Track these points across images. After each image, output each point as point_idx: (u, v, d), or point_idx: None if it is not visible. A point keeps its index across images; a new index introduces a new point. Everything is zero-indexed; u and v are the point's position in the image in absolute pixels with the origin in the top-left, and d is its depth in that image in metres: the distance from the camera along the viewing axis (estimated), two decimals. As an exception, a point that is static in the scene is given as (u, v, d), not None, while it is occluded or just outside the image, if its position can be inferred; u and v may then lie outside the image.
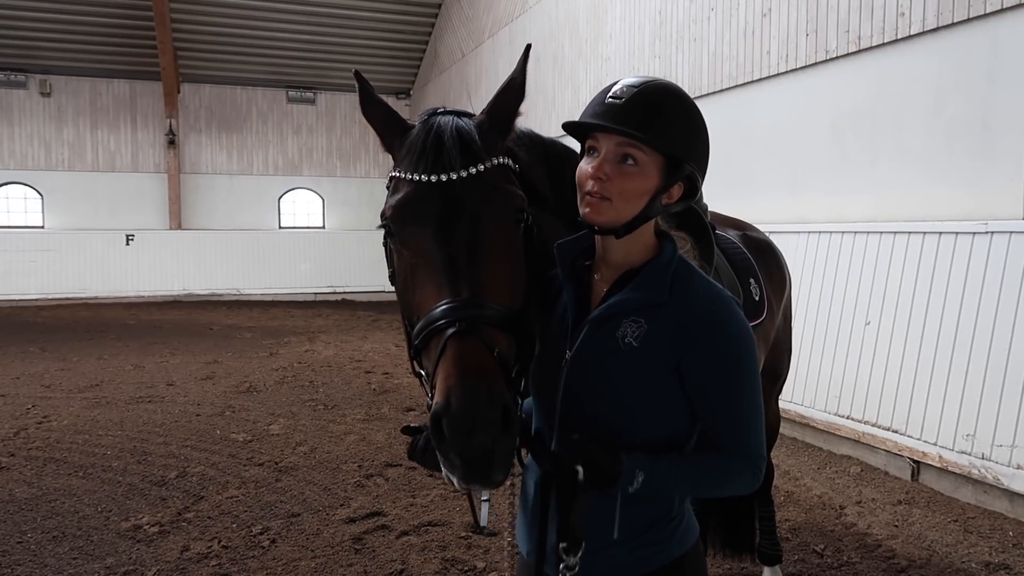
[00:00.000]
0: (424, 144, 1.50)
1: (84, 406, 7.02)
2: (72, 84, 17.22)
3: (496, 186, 1.49)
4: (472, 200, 1.45)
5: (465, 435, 1.27)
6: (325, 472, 5.18)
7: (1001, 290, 4.51)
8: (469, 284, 1.40)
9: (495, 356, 1.34)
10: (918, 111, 5.45)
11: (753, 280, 2.84)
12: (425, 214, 1.46)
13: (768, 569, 3.43)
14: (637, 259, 1.48)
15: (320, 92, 19.10)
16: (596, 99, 1.48)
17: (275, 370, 8.84)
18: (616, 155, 1.40)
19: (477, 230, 1.44)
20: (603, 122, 1.41)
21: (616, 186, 1.39)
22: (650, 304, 1.41)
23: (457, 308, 1.37)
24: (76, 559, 3.83)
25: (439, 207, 1.45)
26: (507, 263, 1.47)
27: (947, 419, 4.71)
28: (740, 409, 1.41)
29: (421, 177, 1.47)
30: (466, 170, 1.46)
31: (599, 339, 1.43)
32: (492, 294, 1.41)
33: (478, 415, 1.26)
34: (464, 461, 1.30)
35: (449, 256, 1.43)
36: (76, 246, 16.63)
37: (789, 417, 5.85)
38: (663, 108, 1.43)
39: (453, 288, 1.39)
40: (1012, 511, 4.34)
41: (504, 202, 1.49)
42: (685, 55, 8.14)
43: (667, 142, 1.41)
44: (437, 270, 1.43)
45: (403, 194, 1.49)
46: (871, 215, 5.82)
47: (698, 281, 1.46)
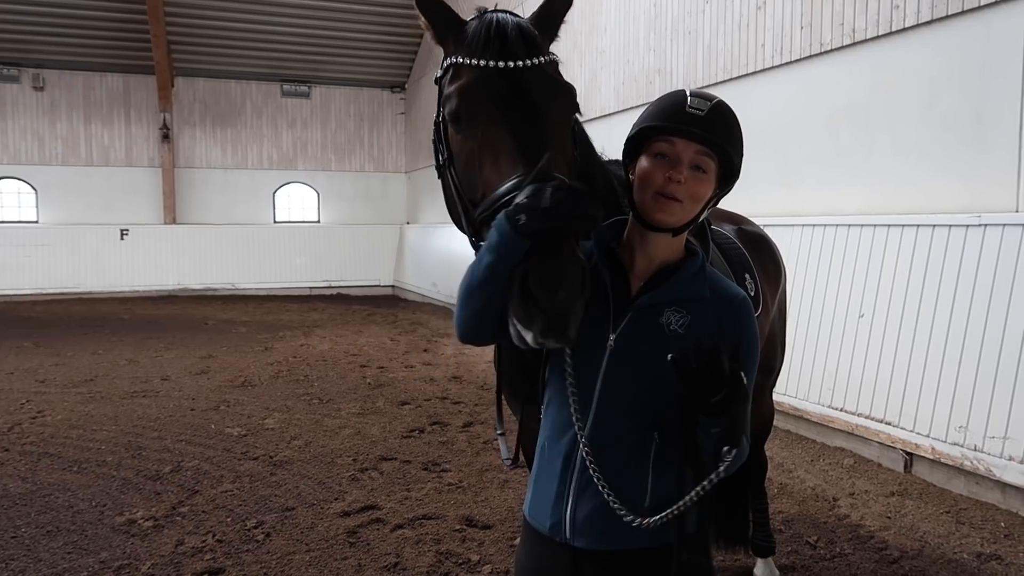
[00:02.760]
0: (488, 34, 1.60)
1: (78, 401, 7.01)
2: (65, 78, 17.14)
3: (558, 81, 1.62)
4: (537, 88, 1.57)
5: (551, 290, 1.33)
6: (320, 466, 5.18)
7: (994, 283, 4.52)
8: (547, 158, 1.45)
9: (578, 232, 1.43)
10: (912, 104, 5.45)
11: (748, 275, 2.85)
12: (494, 95, 1.55)
13: (761, 561, 3.45)
14: (674, 256, 1.60)
15: (315, 86, 19.04)
16: (669, 108, 1.56)
17: (270, 364, 8.83)
18: (692, 162, 1.53)
19: (543, 116, 1.56)
20: (695, 130, 1.51)
21: (689, 190, 1.52)
22: (692, 298, 1.55)
23: (547, 169, 1.43)
24: (70, 553, 3.83)
25: (507, 90, 1.55)
26: (564, 152, 1.60)
27: (940, 411, 4.73)
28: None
29: (488, 63, 1.56)
30: (531, 59, 1.58)
31: (644, 325, 1.54)
32: (560, 168, 1.51)
33: (565, 271, 1.34)
34: (560, 317, 1.35)
35: (518, 136, 1.51)
36: (70, 241, 16.59)
37: (783, 410, 5.87)
38: (734, 127, 1.59)
39: (525, 164, 1.47)
40: (1004, 502, 4.36)
41: (565, 95, 1.62)
42: (680, 48, 8.13)
43: (737, 155, 1.59)
44: (508, 148, 1.51)
45: (469, 77, 1.58)
46: (865, 208, 5.82)
47: (726, 282, 1.64)
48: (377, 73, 19.09)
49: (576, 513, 1.55)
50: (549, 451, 1.63)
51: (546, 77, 1.60)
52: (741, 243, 3.00)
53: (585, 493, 1.54)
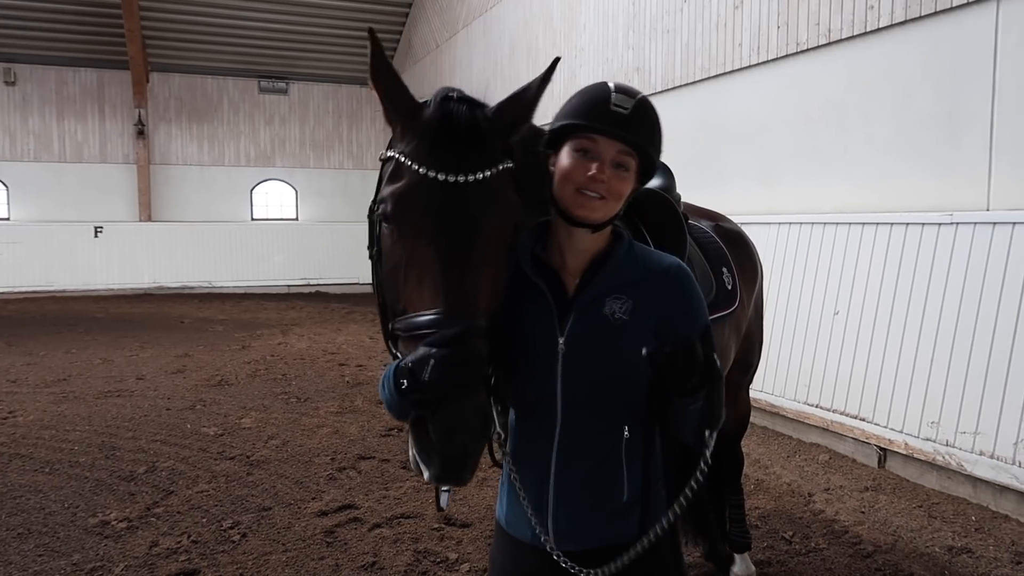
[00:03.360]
0: (437, 136, 1.49)
1: (51, 401, 6.91)
2: (37, 73, 16.86)
3: (501, 193, 1.52)
4: (478, 206, 1.47)
5: (447, 436, 1.34)
6: (297, 465, 5.14)
7: (965, 280, 4.58)
8: (465, 291, 1.43)
9: (480, 365, 1.39)
10: (887, 103, 5.51)
11: (726, 269, 2.87)
12: (429, 211, 1.45)
13: (738, 556, 3.47)
14: (603, 245, 1.60)
15: (292, 82, 18.89)
16: (592, 104, 1.53)
17: (247, 363, 8.75)
18: (614, 160, 1.52)
19: (477, 238, 1.47)
20: (618, 130, 1.50)
21: (612, 188, 1.51)
22: (629, 281, 1.55)
23: (452, 317, 1.40)
24: (42, 556, 3.77)
25: (444, 207, 1.45)
26: (498, 271, 1.51)
27: (913, 407, 4.79)
28: None
29: (430, 173, 1.46)
30: (476, 174, 1.48)
31: (590, 320, 1.54)
32: (481, 303, 1.45)
33: (461, 420, 1.34)
34: (448, 462, 1.37)
35: (447, 261, 1.44)
36: (43, 238, 16.32)
37: (759, 406, 5.91)
38: (656, 125, 1.57)
39: (446, 298, 1.42)
40: (975, 496, 4.43)
41: (507, 212, 1.53)
42: (658, 46, 8.16)
43: (658, 156, 1.58)
44: (432, 272, 1.44)
45: (408, 184, 1.48)
46: (841, 206, 5.88)
47: (657, 255, 1.64)
48: (356, 69, 18.96)
49: (558, 519, 1.56)
50: (522, 460, 1.62)
51: (491, 192, 1.49)
52: (719, 239, 3.02)
53: (563, 498, 1.55)
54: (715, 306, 2.66)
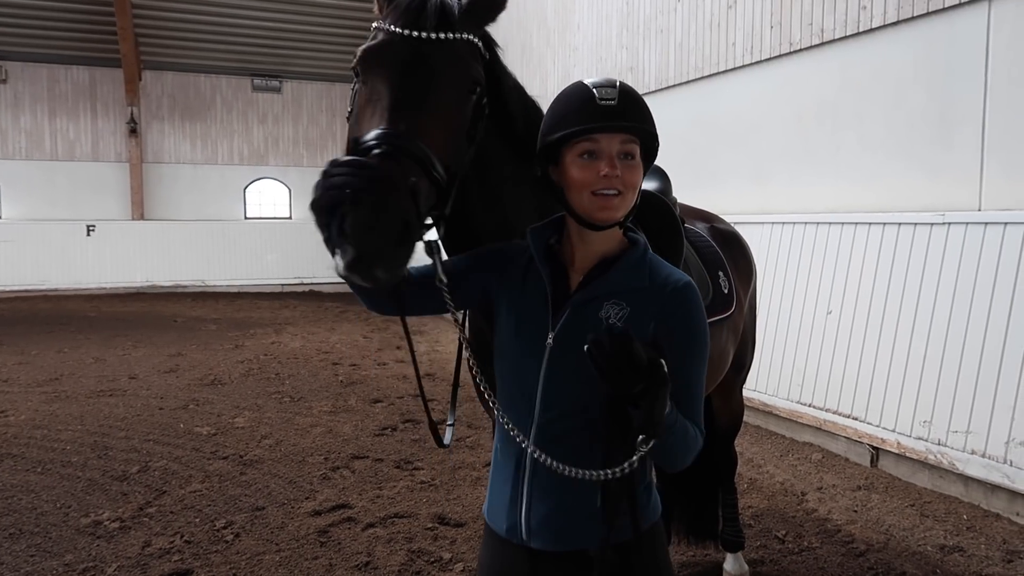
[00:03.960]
0: (409, 3, 1.62)
1: (43, 400, 6.88)
2: (29, 70, 16.78)
3: (460, 56, 1.61)
4: (435, 59, 1.58)
5: (358, 232, 1.32)
6: (291, 465, 5.14)
7: (957, 280, 4.60)
8: (407, 121, 1.50)
9: (409, 183, 1.40)
10: (879, 103, 5.53)
11: (722, 273, 2.88)
12: (390, 60, 1.58)
13: (731, 555, 3.48)
14: (614, 247, 1.58)
15: (286, 80, 18.84)
16: (578, 106, 1.52)
17: (240, 362, 8.73)
18: (620, 152, 1.51)
19: (430, 83, 1.56)
20: (615, 123, 1.50)
21: (627, 180, 1.50)
22: (631, 288, 1.52)
23: (387, 135, 1.46)
24: (34, 556, 3.76)
25: (404, 56, 1.57)
26: (449, 121, 1.57)
27: (905, 406, 4.81)
28: (696, 386, 1.53)
29: (395, 28, 1.59)
30: (437, 33, 1.59)
31: (583, 320, 1.51)
32: (426, 138, 1.50)
33: (375, 218, 1.33)
34: (354, 250, 1.34)
35: (398, 97, 1.54)
36: (35, 237, 16.24)
37: (752, 405, 5.93)
38: (640, 103, 1.56)
39: (391, 120, 1.50)
40: (966, 495, 4.45)
41: (462, 71, 1.61)
42: (652, 46, 8.17)
43: (654, 132, 1.57)
44: (384, 106, 1.54)
45: (376, 40, 1.62)
46: (834, 205, 5.90)
47: (668, 268, 1.58)
48: (349, 68, 18.89)
49: (531, 516, 1.55)
50: (502, 454, 1.63)
51: (449, 52, 1.60)
52: (714, 241, 3.03)
53: (538, 495, 1.54)
54: (712, 310, 2.66)
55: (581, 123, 1.49)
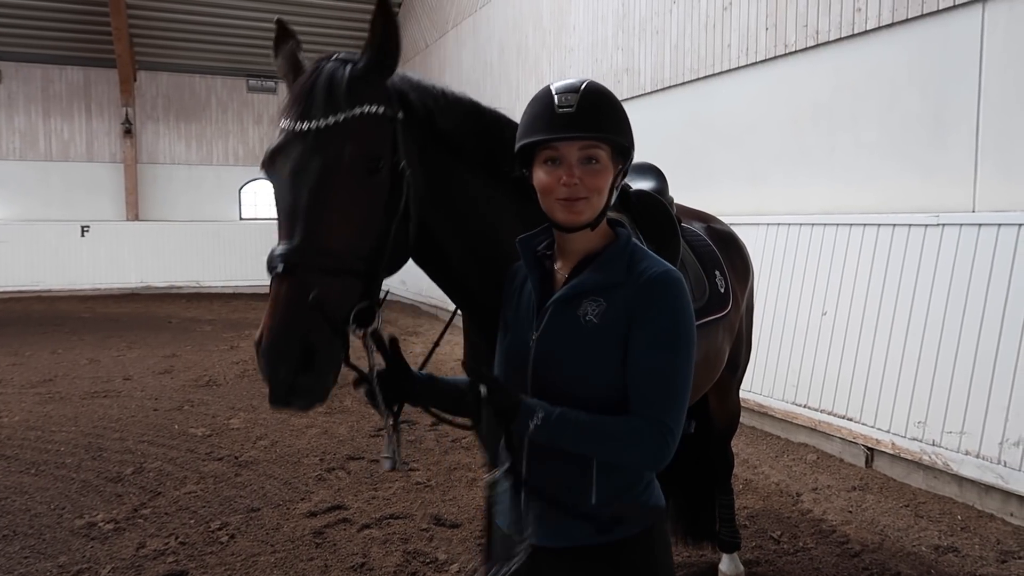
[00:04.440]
0: (296, 92, 1.60)
1: (37, 401, 6.85)
2: (23, 71, 16.74)
3: (353, 136, 1.55)
4: (325, 149, 1.54)
5: (266, 372, 1.47)
6: (286, 466, 5.13)
7: (951, 281, 4.62)
8: (302, 229, 1.50)
9: (310, 298, 1.45)
10: (874, 105, 5.55)
11: (719, 272, 2.88)
12: (282, 162, 1.56)
13: (727, 556, 3.48)
14: (596, 245, 1.58)
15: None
16: (540, 113, 1.53)
17: (236, 363, 8.71)
18: (581, 158, 1.50)
19: (321, 178, 1.53)
20: (570, 133, 1.49)
21: (589, 185, 1.49)
22: (608, 284, 1.52)
23: (285, 253, 1.48)
24: (27, 558, 3.74)
25: (295, 155, 1.54)
26: (351, 210, 1.54)
27: (899, 407, 4.82)
28: (664, 377, 1.47)
29: (288, 124, 1.57)
30: (324, 119, 1.54)
31: (563, 318, 1.54)
32: (328, 240, 1.51)
33: (275, 356, 1.45)
34: (270, 387, 1.48)
35: (292, 203, 1.53)
36: (29, 237, 16.21)
37: (748, 406, 5.94)
38: (603, 106, 1.53)
39: (288, 232, 1.52)
40: (961, 495, 4.46)
41: (356, 151, 1.55)
42: (647, 47, 8.18)
43: (619, 135, 1.53)
44: (284, 215, 1.55)
45: (274, 143, 1.59)
46: (828, 207, 5.91)
47: (650, 260, 1.56)
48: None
49: (529, 512, 1.57)
50: (503, 452, 1.65)
51: (340, 135, 1.54)
52: (711, 240, 3.03)
53: (535, 492, 1.56)
54: (708, 309, 2.67)
55: (539, 131, 1.51)
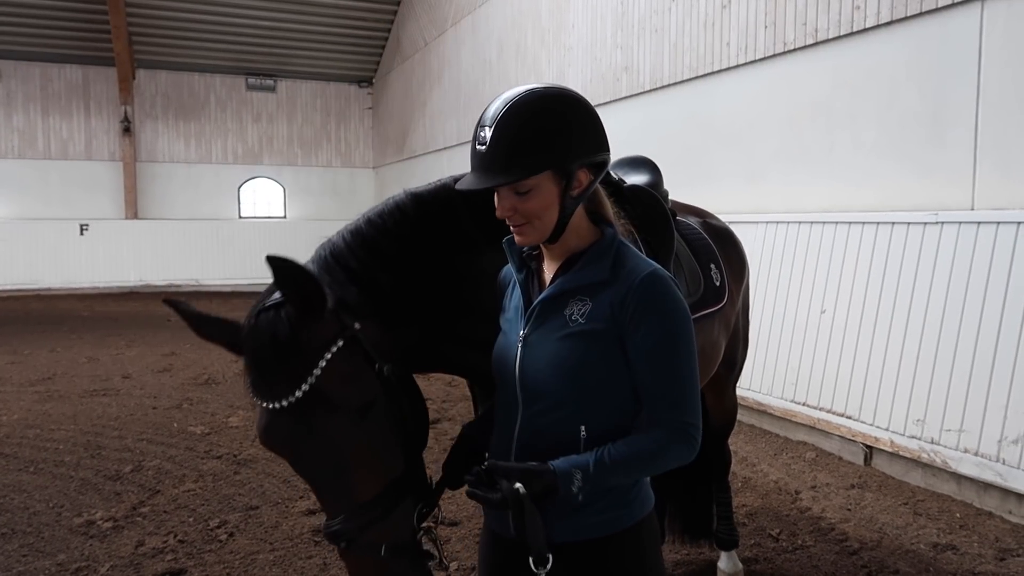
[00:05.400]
0: (251, 365, 1.56)
1: (35, 400, 6.85)
2: (22, 69, 16.72)
3: (331, 395, 1.51)
4: (311, 419, 1.51)
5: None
6: (284, 464, 5.10)
7: (950, 279, 4.62)
8: (338, 502, 1.57)
9: (381, 556, 1.55)
10: (872, 103, 5.55)
11: (714, 266, 2.88)
12: (278, 440, 1.56)
13: (725, 554, 3.48)
14: (581, 244, 1.59)
15: (280, 79, 18.82)
16: (471, 145, 1.53)
17: (235, 362, 8.63)
18: (510, 191, 1.50)
19: (326, 447, 1.54)
20: (479, 182, 1.49)
21: (523, 211, 1.50)
22: (593, 283, 1.52)
23: (337, 532, 1.55)
24: (26, 556, 3.74)
25: (286, 431, 1.54)
26: (368, 455, 1.58)
27: (898, 405, 4.82)
28: (673, 380, 1.48)
29: (260, 403, 1.55)
30: (294, 394, 1.50)
31: (549, 318, 1.55)
32: (363, 493, 1.57)
33: None
34: None
35: (312, 479, 1.59)
36: (27, 236, 16.19)
37: (747, 404, 5.94)
38: (521, 136, 1.47)
39: (328, 508, 1.59)
40: (959, 493, 4.47)
41: (345, 409, 1.53)
42: (646, 46, 8.17)
43: (538, 166, 1.47)
44: (309, 484, 1.61)
45: (259, 420, 1.59)
46: (827, 205, 5.91)
47: (636, 259, 1.55)
48: (344, 67, 18.91)
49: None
50: (494, 450, 1.66)
51: (318, 400, 1.50)
52: (707, 235, 3.03)
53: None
54: (703, 303, 2.67)
55: (470, 170, 1.54)
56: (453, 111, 14.18)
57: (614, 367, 1.50)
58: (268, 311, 1.58)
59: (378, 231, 1.78)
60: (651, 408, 1.49)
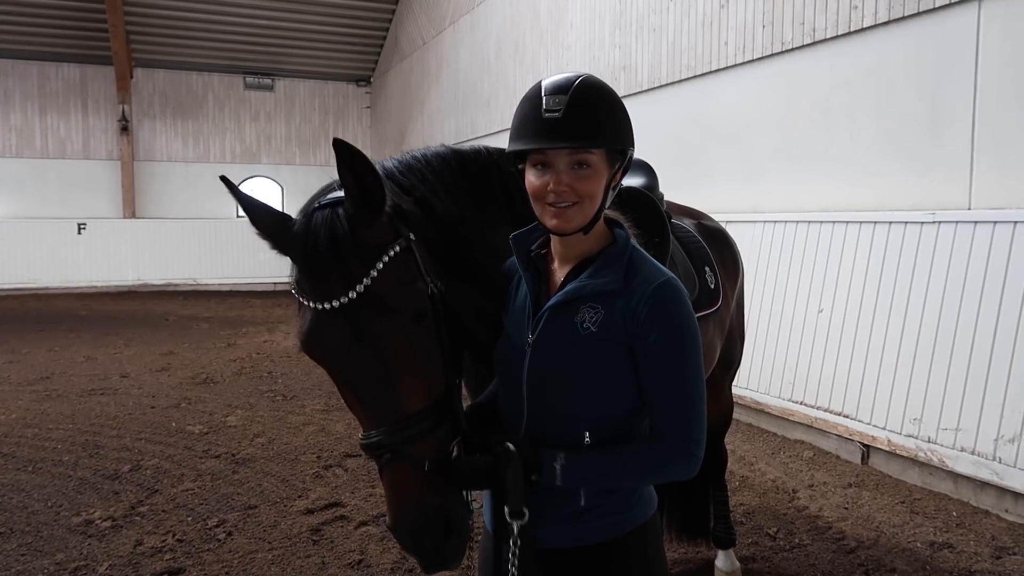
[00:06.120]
0: (303, 263, 1.49)
1: (34, 399, 6.85)
2: (19, 68, 16.69)
3: (386, 298, 1.45)
4: (365, 321, 1.44)
5: (412, 549, 1.51)
6: (283, 463, 5.13)
7: (947, 278, 4.63)
8: (384, 411, 1.48)
9: (425, 472, 1.48)
10: (870, 102, 5.56)
11: (708, 268, 2.88)
12: (324, 343, 1.47)
13: (722, 552, 3.49)
14: (593, 247, 1.54)
15: (278, 78, 18.79)
16: (529, 115, 1.48)
17: (233, 361, 8.71)
18: (569, 163, 1.45)
19: (377, 352, 1.46)
20: (555, 143, 1.43)
21: (579, 190, 1.44)
22: (606, 291, 1.47)
23: (378, 443, 1.47)
24: (24, 555, 3.74)
25: (334, 334, 1.45)
26: (417, 366, 1.51)
27: (895, 404, 4.83)
28: (679, 394, 1.45)
29: (310, 304, 1.47)
30: (348, 294, 1.43)
31: (559, 325, 1.50)
32: (410, 404, 1.49)
33: (417, 534, 1.49)
34: (420, 560, 1.53)
35: (357, 386, 1.49)
36: (25, 235, 16.16)
37: (744, 403, 5.95)
38: (597, 109, 1.46)
39: (372, 418, 1.49)
40: (956, 492, 4.48)
41: (399, 314, 1.47)
42: (645, 45, 8.18)
43: (613, 140, 1.47)
44: (352, 399, 1.52)
45: (302, 320, 1.50)
46: (825, 204, 5.93)
47: (649, 267, 1.51)
48: (342, 66, 18.90)
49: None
50: None
51: (374, 301, 1.44)
52: (701, 237, 3.03)
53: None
54: (698, 305, 2.67)
55: (527, 137, 1.46)
56: (451, 110, 14.17)
57: (623, 375, 1.48)
58: (324, 209, 1.52)
59: (424, 165, 1.76)
60: (656, 420, 1.47)
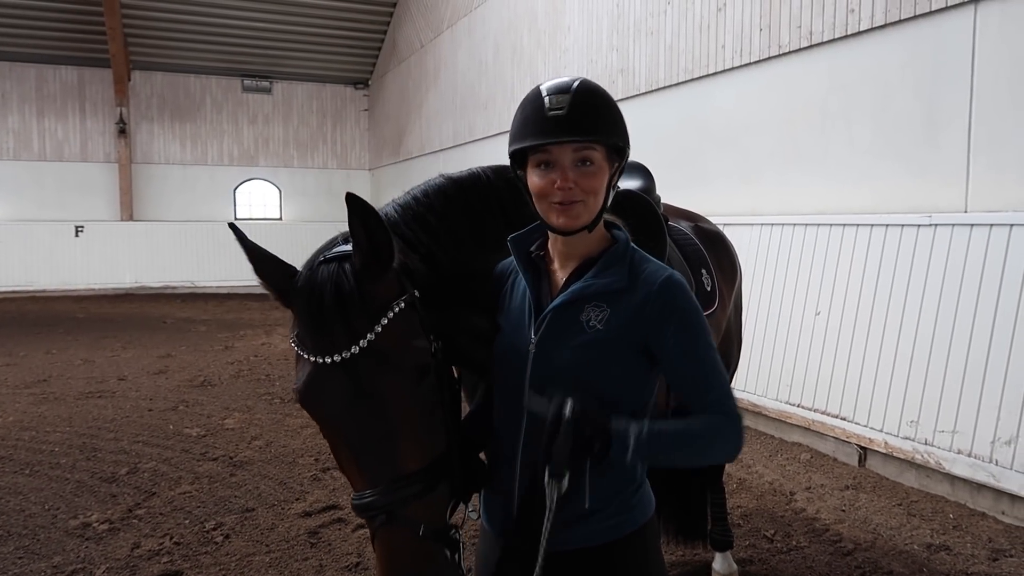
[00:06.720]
0: (306, 316, 1.46)
1: (31, 402, 6.84)
2: (17, 70, 16.69)
3: (389, 354, 1.44)
4: (367, 377, 1.42)
5: None
6: (281, 466, 5.13)
7: (944, 281, 4.64)
8: (381, 470, 1.45)
9: (421, 535, 1.44)
10: (867, 105, 5.57)
11: (705, 271, 2.89)
12: (325, 398, 1.45)
13: (719, 555, 3.49)
14: (595, 248, 1.56)
15: (276, 81, 18.81)
16: (531, 115, 1.50)
17: (230, 363, 8.71)
18: (574, 161, 1.47)
19: (378, 409, 1.44)
20: (561, 137, 1.46)
21: (584, 187, 1.47)
22: (612, 290, 1.49)
23: (372, 503, 1.44)
24: (22, 558, 3.74)
25: (336, 389, 1.43)
26: (417, 424, 1.48)
27: (892, 406, 4.84)
28: (711, 375, 1.48)
29: (310, 357, 1.44)
30: (353, 347, 1.41)
31: (563, 324, 1.50)
32: (408, 463, 1.46)
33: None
34: None
35: (354, 443, 1.46)
36: (23, 237, 16.16)
37: (742, 406, 5.95)
38: (595, 106, 1.50)
39: (368, 477, 1.46)
40: (953, 494, 4.49)
41: (402, 370, 1.45)
42: (642, 48, 8.20)
43: (612, 135, 1.51)
44: (349, 457, 1.48)
45: (303, 373, 1.47)
46: (822, 207, 5.94)
47: (651, 265, 1.54)
48: (340, 69, 18.91)
49: (521, 516, 1.54)
50: (493, 457, 1.65)
51: (378, 356, 1.42)
52: (697, 240, 3.04)
53: (527, 496, 1.53)
54: None
55: (530, 136, 1.48)
56: (449, 113, 14.19)
57: (630, 374, 1.50)
58: (329, 263, 1.49)
59: (427, 209, 1.75)
60: (702, 402, 1.47)
